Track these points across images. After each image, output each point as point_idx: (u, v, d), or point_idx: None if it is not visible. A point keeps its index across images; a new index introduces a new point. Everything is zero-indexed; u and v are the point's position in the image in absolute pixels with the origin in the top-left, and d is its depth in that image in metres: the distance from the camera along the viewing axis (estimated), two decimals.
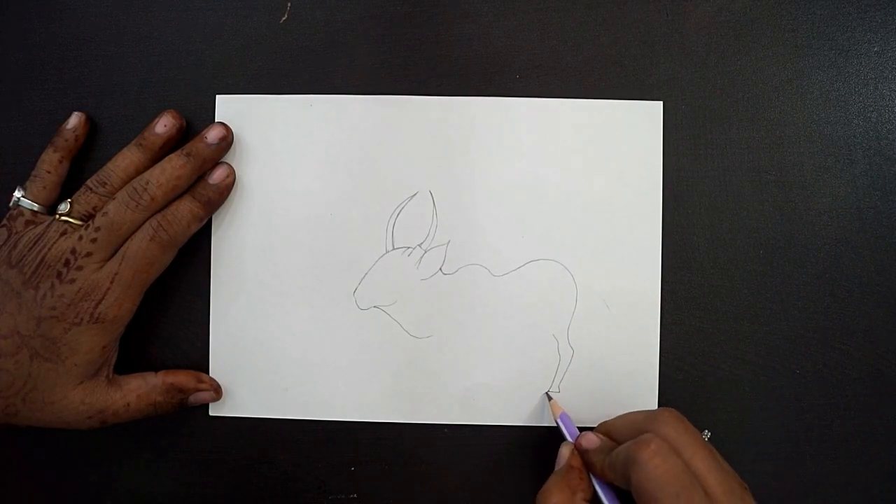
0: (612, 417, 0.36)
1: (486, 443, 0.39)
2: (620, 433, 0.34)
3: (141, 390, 0.37)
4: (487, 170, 0.39)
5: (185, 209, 0.37)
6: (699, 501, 0.29)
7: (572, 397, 0.39)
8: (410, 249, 0.39)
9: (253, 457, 0.40)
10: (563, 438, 0.36)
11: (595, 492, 0.33)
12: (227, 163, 0.39)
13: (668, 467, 0.29)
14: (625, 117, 0.39)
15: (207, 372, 0.39)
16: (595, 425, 0.39)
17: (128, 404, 0.36)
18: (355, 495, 0.40)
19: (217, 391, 0.39)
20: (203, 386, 0.38)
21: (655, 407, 0.39)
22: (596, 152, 0.39)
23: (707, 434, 0.36)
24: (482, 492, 0.40)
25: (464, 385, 0.39)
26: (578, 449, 0.35)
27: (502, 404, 0.39)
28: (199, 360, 0.39)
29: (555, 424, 0.37)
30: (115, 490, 0.40)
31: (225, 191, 0.38)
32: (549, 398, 0.39)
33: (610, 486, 0.33)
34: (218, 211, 0.39)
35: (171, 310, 0.40)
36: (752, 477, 0.39)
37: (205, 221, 0.38)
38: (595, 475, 0.34)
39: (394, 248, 0.39)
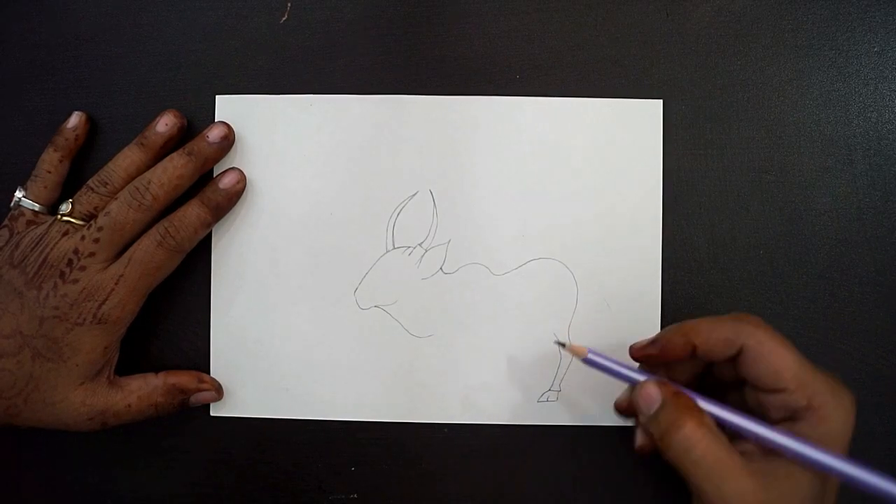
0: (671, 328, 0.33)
1: (486, 443, 0.39)
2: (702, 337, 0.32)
3: (142, 391, 0.37)
4: (488, 169, 0.39)
5: (193, 214, 0.37)
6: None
7: (572, 397, 0.39)
8: (411, 249, 0.39)
9: (253, 457, 0.40)
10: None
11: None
12: (238, 169, 0.39)
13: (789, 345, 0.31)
14: (625, 116, 0.39)
15: (208, 372, 0.39)
16: (595, 424, 0.39)
17: (129, 405, 0.36)
18: (355, 495, 0.40)
19: (219, 391, 0.39)
20: (204, 386, 0.38)
21: None
22: (596, 151, 0.39)
23: None
24: (482, 492, 0.40)
25: (464, 384, 0.39)
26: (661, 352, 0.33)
27: (502, 404, 0.39)
28: (199, 360, 0.39)
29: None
30: (116, 490, 0.40)
31: (234, 197, 0.38)
32: (563, 345, 0.34)
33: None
34: None
35: (172, 310, 0.40)
36: None
37: (212, 227, 0.38)
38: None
39: (394, 248, 0.39)
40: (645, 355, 0.34)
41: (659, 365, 0.35)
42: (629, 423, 0.38)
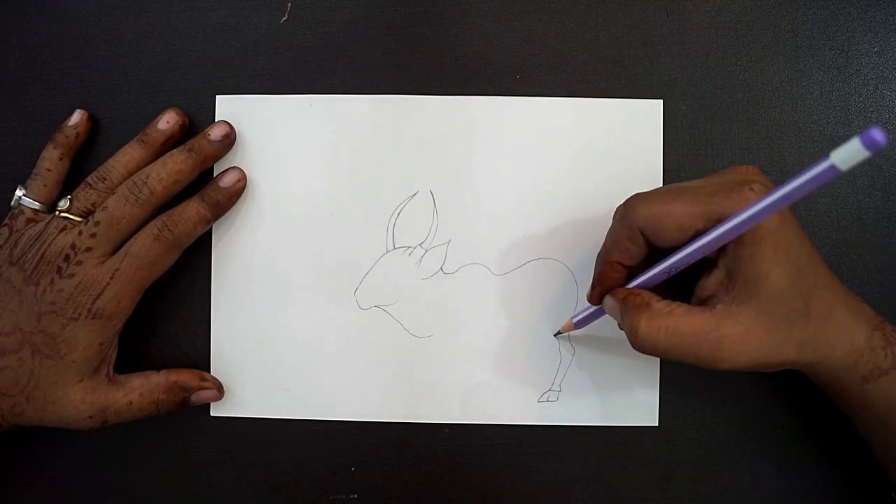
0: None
1: (486, 443, 0.39)
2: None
3: (144, 388, 0.37)
4: (488, 169, 0.39)
5: (193, 210, 0.37)
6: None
7: (573, 397, 0.39)
8: (411, 249, 0.39)
9: (253, 457, 0.40)
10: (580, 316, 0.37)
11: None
12: (239, 168, 0.39)
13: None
14: (625, 116, 0.39)
15: (208, 372, 0.39)
16: (595, 424, 0.39)
17: (130, 402, 0.36)
18: (355, 495, 0.40)
19: (220, 390, 0.39)
20: (206, 384, 0.38)
21: (656, 404, 0.39)
22: (596, 151, 0.39)
23: None
24: (482, 492, 0.40)
25: (464, 385, 0.39)
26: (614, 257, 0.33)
27: (503, 404, 0.39)
28: (199, 359, 0.39)
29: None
30: (116, 490, 0.40)
31: (234, 195, 0.38)
32: (558, 333, 0.39)
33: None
34: None
35: (172, 309, 0.40)
36: (752, 477, 0.39)
37: (211, 224, 0.38)
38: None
39: (394, 248, 0.39)
40: (600, 295, 0.34)
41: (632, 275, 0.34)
42: (628, 422, 0.38)
